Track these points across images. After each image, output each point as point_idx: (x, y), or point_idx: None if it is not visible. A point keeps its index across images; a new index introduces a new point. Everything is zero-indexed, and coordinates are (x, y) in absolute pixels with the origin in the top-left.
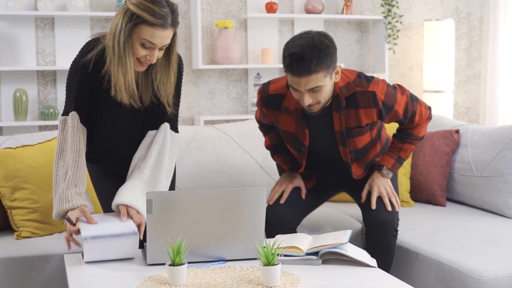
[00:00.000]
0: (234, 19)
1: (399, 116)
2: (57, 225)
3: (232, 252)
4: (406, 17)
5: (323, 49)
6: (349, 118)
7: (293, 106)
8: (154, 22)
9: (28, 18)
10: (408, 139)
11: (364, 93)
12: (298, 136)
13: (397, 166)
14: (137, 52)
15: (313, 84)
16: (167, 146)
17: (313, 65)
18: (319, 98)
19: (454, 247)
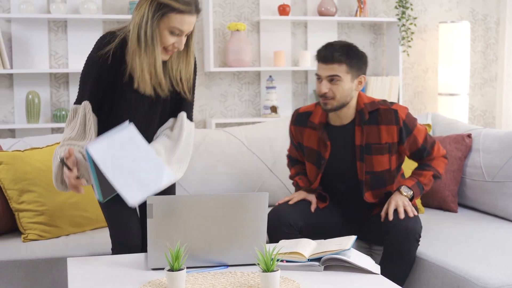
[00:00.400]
0: (247, 22)
1: (418, 144)
2: (64, 228)
3: (233, 257)
4: (421, 19)
5: (353, 49)
6: (370, 133)
7: (318, 120)
8: (183, 9)
9: (41, 21)
10: (427, 168)
11: (387, 110)
12: (320, 152)
13: (417, 189)
14: (166, 41)
15: (333, 72)
16: (183, 134)
17: (338, 54)
18: (335, 92)
19: (461, 253)
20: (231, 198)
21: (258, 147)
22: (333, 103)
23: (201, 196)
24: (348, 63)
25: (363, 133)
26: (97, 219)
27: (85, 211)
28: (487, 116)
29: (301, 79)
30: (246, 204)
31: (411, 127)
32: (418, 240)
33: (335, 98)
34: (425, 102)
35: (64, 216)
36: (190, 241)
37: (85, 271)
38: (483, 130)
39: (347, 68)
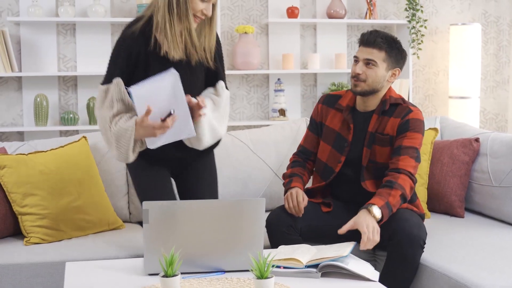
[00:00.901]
0: (255, 24)
1: (400, 142)
2: (66, 232)
3: (230, 263)
4: (432, 21)
5: (396, 42)
6: (382, 123)
7: (345, 103)
8: None
9: (49, 24)
10: (395, 185)
11: (404, 107)
12: (340, 134)
13: (386, 211)
14: (196, 6)
15: (371, 56)
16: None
17: (380, 40)
18: (368, 75)
19: (465, 260)
20: (228, 203)
21: (263, 151)
22: (363, 85)
23: (197, 202)
24: (387, 52)
25: (378, 121)
26: (100, 223)
27: (88, 214)
28: (499, 119)
29: (310, 81)
30: (243, 209)
31: (410, 128)
32: (423, 246)
33: (366, 82)
34: (436, 105)
35: (66, 220)
36: (186, 246)
37: (82, 275)
38: (491, 134)
39: (385, 56)
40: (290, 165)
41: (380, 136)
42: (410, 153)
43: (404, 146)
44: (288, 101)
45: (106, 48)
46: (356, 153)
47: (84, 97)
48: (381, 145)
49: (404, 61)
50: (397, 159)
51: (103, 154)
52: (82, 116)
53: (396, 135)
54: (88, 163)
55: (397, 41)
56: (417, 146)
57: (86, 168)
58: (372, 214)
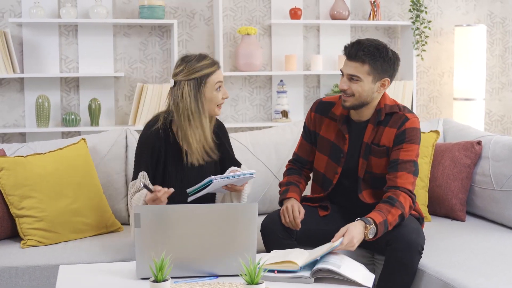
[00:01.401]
0: (258, 25)
1: (398, 156)
2: (64, 234)
3: (223, 267)
4: (437, 22)
5: (381, 51)
6: (377, 134)
7: (339, 111)
8: (213, 69)
9: (51, 26)
10: (396, 204)
11: (399, 115)
12: (336, 144)
13: (382, 228)
14: (216, 98)
15: (353, 71)
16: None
17: (362, 54)
18: (354, 90)
19: (463, 265)
20: (220, 208)
21: (263, 153)
22: (352, 100)
23: (189, 206)
24: (371, 64)
25: (373, 131)
26: (97, 226)
27: (86, 217)
28: (505, 121)
29: (313, 83)
30: (235, 214)
31: (407, 139)
32: (421, 252)
33: (354, 96)
34: (441, 107)
35: (64, 222)
36: (179, 250)
37: (75, 279)
38: (493, 137)
39: (369, 69)
40: (286, 172)
41: (376, 148)
42: (408, 168)
43: (402, 160)
44: (291, 103)
45: (108, 49)
46: (352, 164)
47: (86, 98)
48: (377, 156)
49: (393, 68)
50: (395, 176)
51: (102, 156)
52: (84, 117)
53: (393, 146)
54: (86, 165)
55: (382, 50)
56: (414, 158)
57: (84, 171)
58: (366, 232)
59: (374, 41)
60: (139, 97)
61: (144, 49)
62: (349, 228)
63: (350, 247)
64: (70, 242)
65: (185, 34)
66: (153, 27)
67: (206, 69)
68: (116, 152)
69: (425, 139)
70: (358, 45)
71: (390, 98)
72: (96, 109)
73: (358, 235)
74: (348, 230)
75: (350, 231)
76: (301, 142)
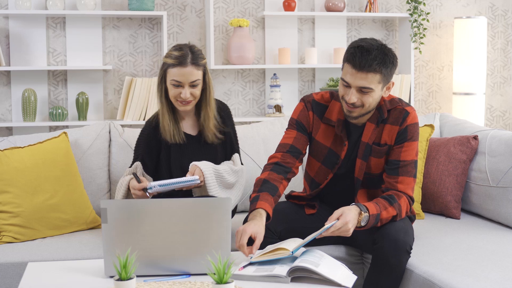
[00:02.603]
0: (251, 18)
1: (398, 155)
2: (40, 231)
3: (196, 266)
4: (436, 15)
5: (389, 56)
6: (379, 133)
7: (335, 117)
8: (174, 63)
9: (39, 17)
10: (395, 204)
11: (398, 109)
12: (333, 150)
13: (373, 220)
14: (171, 93)
15: (366, 84)
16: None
17: (375, 63)
18: (365, 102)
19: (452, 265)
20: (192, 202)
21: (251, 148)
22: (359, 110)
23: (159, 201)
24: (383, 72)
25: (374, 131)
26: (77, 222)
27: (64, 213)
28: (506, 116)
29: (308, 77)
30: (207, 209)
31: (408, 136)
32: (409, 252)
33: (364, 107)
34: (440, 101)
35: (41, 218)
36: (149, 247)
37: (41, 277)
38: (490, 132)
39: (380, 78)
40: (269, 167)
41: (377, 148)
42: (409, 171)
43: (403, 163)
44: (284, 97)
45: (97, 42)
46: (347, 167)
47: (74, 92)
48: (377, 156)
49: (394, 71)
50: (396, 180)
51: (84, 150)
52: (72, 111)
53: (394, 144)
54: (67, 159)
55: (389, 54)
56: (415, 157)
57: (64, 165)
58: (360, 218)
59: (378, 45)
60: (128, 91)
61: (133, 41)
62: (344, 211)
63: (345, 231)
64: (47, 239)
65: (175, 27)
66: (143, 19)
67: (169, 59)
68: (99, 146)
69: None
70: (368, 54)
71: None
72: (84, 103)
73: (353, 220)
74: (343, 213)
75: (345, 215)
76: (297, 135)
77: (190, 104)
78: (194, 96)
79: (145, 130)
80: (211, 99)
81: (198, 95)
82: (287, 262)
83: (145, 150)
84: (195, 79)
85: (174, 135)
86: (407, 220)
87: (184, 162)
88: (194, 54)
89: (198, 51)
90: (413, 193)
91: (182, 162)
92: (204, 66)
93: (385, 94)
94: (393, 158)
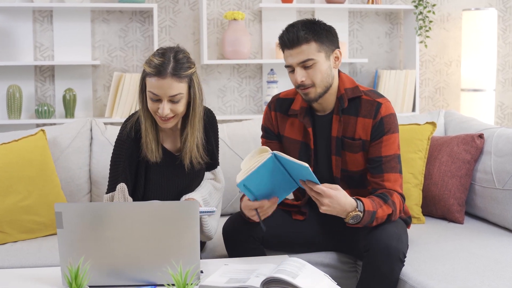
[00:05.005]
0: (248, 10)
1: (379, 152)
2: (11, 234)
3: (163, 275)
4: (444, 7)
5: (317, 23)
6: (347, 125)
7: (299, 105)
8: (150, 72)
9: (25, 10)
10: (389, 202)
11: (369, 101)
12: (305, 142)
13: (368, 218)
14: (149, 106)
15: (304, 56)
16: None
17: (303, 33)
18: (313, 78)
19: (448, 276)
20: (156, 207)
21: (241, 146)
22: (315, 90)
23: (120, 204)
24: (317, 39)
25: (340, 122)
26: (52, 225)
27: (38, 215)
28: None
29: None
30: (174, 213)
31: (385, 129)
32: (403, 260)
33: (316, 84)
34: (448, 98)
35: (13, 221)
36: (110, 255)
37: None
38: (497, 130)
39: (317, 45)
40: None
41: (350, 142)
42: (393, 167)
43: (385, 159)
44: None
45: (86, 36)
46: (324, 164)
47: (62, 88)
48: (352, 151)
49: (337, 37)
50: (382, 179)
51: (63, 149)
52: (60, 108)
53: (371, 140)
54: (43, 158)
55: (318, 22)
56: (397, 151)
57: (40, 164)
58: (351, 213)
59: (303, 19)
60: (117, 87)
61: (124, 36)
62: (339, 195)
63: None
64: (18, 243)
65: (168, 20)
66: (133, 12)
67: (148, 67)
68: (79, 145)
69: (419, 132)
70: (293, 28)
71: (349, 78)
72: (71, 100)
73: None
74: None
75: (338, 198)
76: (269, 143)
77: (170, 122)
78: (175, 113)
79: (123, 144)
80: (195, 118)
81: (181, 111)
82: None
83: (126, 169)
84: (175, 93)
85: (156, 155)
86: (401, 224)
87: (163, 182)
88: (177, 63)
89: (183, 58)
90: (402, 190)
91: (160, 182)
92: (189, 77)
93: (335, 66)
94: (373, 155)
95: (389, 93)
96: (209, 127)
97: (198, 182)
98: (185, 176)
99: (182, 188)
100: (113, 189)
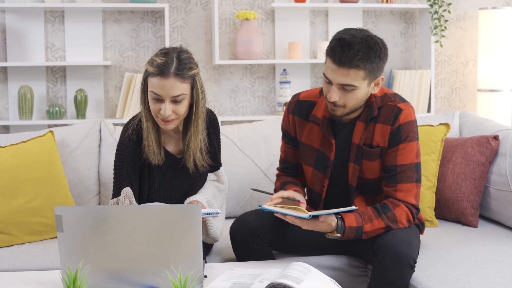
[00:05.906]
0: (260, 10)
1: (394, 161)
2: (18, 236)
3: (164, 279)
4: (460, 6)
5: (375, 49)
6: (370, 133)
7: (321, 113)
8: (153, 71)
9: (36, 11)
10: (384, 215)
11: (390, 107)
12: (322, 151)
13: (352, 234)
14: (151, 106)
15: (348, 81)
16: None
17: (357, 58)
18: (347, 102)
19: (459, 282)
20: (157, 210)
21: (252, 148)
22: (343, 110)
23: (121, 208)
24: (368, 68)
25: (365, 131)
26: None
27: (45, 217)
28: None
29: (320, 73)
30: (176, 217)
31: (402, 137)
32: (413, 266)
33: (346, 107)
34: (464, 99)
35: (19, 223)
36: (111, 259)
37: None
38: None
39: (365, 74)
40: (278, 179)
41: (368, 150)
42: (409, 177)
43: (400, 168)
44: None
45: (97, 36)
46: (340, 171)
47: (74, 89)
48: (370, 159)
49: (384, 65)
50: (394, 189)
51: (71, 150)
52: (71, 109)
53: (388, 147)
54: (51, 160)
55: (375, 48)
56: (415, 159)
57: (47, 166)
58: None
59: (363, 37)
60: (128, 88)
61: (135, 36)
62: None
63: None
64: (25, 245)
65: (180, 20)
66: (145, 12)
67: (150, 66)
68: (88, 146)
69: (433, 133)
70: (349, 48)
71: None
72: (82, 101)
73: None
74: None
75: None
76: (286, 147)
77: (172, 123)
78: (177, 114)
79: (126, 147)
80: (198, 120)
81: (183, 113)
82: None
83: (131, 173)
84: (178, 93)
85: (158, 158)
86: (413, 230)
87: (166, 185)
88: (180, 63)
89: (187, 59)
90: (417, 200)
91: (163, 185)
92: (192, 78)
93: (373, 91)
94: (389, 163)
95: (404, 93)
96: (211, 129)
97: (201, 184)
98: (188, 179)
99: (185, 191)
100: (118, 194)
